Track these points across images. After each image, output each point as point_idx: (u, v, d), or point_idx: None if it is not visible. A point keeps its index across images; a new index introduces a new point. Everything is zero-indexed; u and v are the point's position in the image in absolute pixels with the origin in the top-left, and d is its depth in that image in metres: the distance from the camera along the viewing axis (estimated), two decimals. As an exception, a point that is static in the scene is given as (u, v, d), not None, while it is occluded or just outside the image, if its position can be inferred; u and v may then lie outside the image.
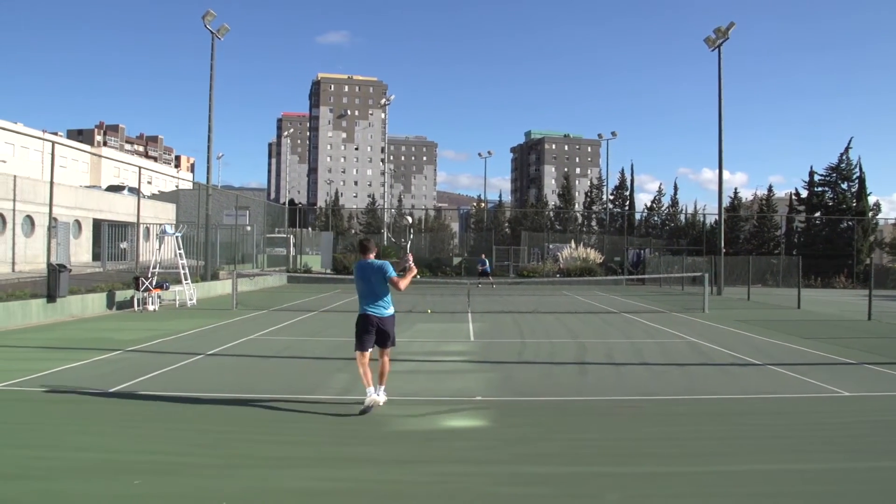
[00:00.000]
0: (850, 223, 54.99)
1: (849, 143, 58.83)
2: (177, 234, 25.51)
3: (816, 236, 57.39)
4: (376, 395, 8.81)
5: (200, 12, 33.40)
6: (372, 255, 9.21)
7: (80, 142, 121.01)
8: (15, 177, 33.71)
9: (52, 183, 20.64)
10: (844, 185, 58.17)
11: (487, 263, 42.44)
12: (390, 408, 9.03)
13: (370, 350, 8.96)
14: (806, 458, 7.03)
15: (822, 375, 11.85)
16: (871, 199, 57.95)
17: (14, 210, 32.57)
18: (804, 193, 60.90)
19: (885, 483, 6.34)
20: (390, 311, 9.18)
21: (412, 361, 13.32)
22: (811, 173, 59.95)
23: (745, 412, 9.19)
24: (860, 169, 57.71)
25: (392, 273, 9.06)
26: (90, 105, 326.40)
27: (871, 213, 56.85)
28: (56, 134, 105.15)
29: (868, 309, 23.22)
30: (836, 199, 58.18)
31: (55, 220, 25.92)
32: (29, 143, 71.79)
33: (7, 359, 12.62)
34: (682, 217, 72.36)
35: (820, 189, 59.66)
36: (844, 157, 57.96)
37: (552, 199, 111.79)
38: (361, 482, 6.13)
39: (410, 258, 10.09)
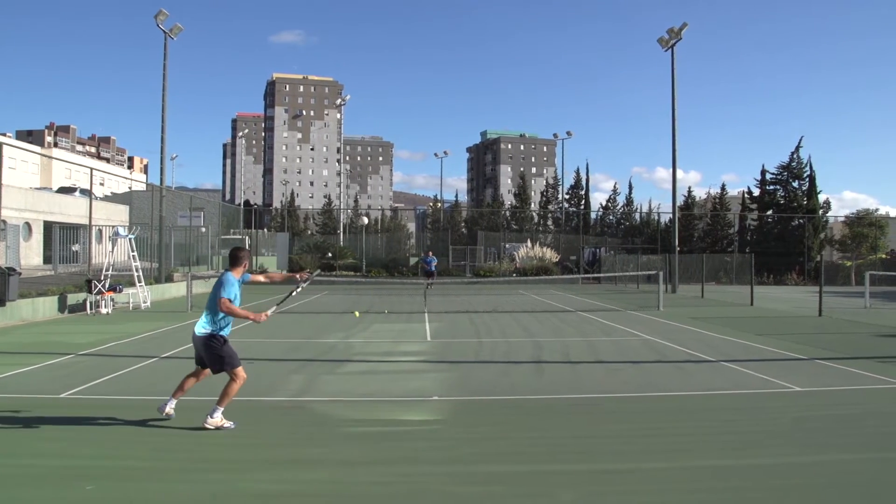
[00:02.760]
0: (801, 221, 56.00)
1: (799, 142, 60.07)
2: (130, 236, 25.17)
3: (769, 234, 58.36)
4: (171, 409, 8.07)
5: (153, 12, 33.02)
6: (241, 269, 8.17)
7: (30, 143, 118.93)
8: (-38, 179, 33.02)
9: (0, 185, 20.25)
10: (795, 184, 59.22)
11: (434, 262, 42.19)
12: (347, 409, 9.02)
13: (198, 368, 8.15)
14: (760, 453, 7.13)
15: (774, 371, 12.05)
16: (822, 198, 59.19)
17: (-39, 212, 31.90)
18: (756, 192, 61.90)
19: (838, 476, 6.47)
20: (207, 330, 7.90)
21: (368, 362, 13.34)
22: (763, 172, 61.04)
23: (700, 408, 9.32)
24: (811, 167, 58.91)
25: (224, 293, 7.80)
26: (40, 106, 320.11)
27: (821, 211, 57.93)
28: (5, 135, 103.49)
29: (819, 305, 23.68)
30: (788, 197, 59.21)
31: (4, 222, 25.40)
32: (-24, 145, 70.34)
33: (-45, 364, 12.38)
34: (637, 216, 73.07)
35: (772, 188, 60.71)
36: (795, 156, 59.05)
37: (508, 199, 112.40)
38: (318, 483, 6.12)
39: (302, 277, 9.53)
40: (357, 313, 17.18)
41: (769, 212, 59.73)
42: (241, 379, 7.93)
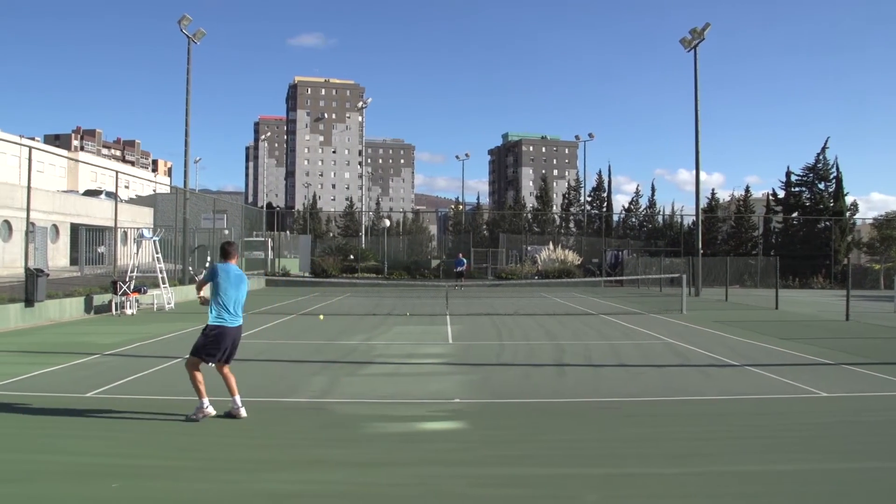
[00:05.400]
0: (827, 223, 55.31)
1: (825, 144, 59.10)
2: (154, 238, 25.37)
3: (794, 237, 57.70)
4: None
5: (177, 18, 33.26)
6: (234, 261, 8.84)
7: (58, 146, 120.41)
8: (-9, 182, 33.49)
9: (29, 188, 20.48)
10: (821, 186, 58.44)
11: (465, 265, 42.55)
12: (368, 411, 9.04)
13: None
14: (784, 459, 7.06)
15: (799, 376, 11.93)
16: (849, 199, 58.25)
17: (-9, 215, 32.35)
18: (781, 194, 61.20)
19: (863, 483, 6.39)
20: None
21: (390, 364, 13.35)
22: (788, 174, 60.30)
23: (723, 413, 9.26)
24: (837, 169, 58.00)
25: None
26: (68, 110, 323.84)
27: (848, 213, 57.15)
28: (33, 139, 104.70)
29: (846, 309, 23.37)
30: (814, 199, 58.48)
31: (33, 224, 25.67)
32: (6, 149, 71.17)
33: (-17, 364, 12.54)
34: (660, 218, 72.49)
35: (797, 189, 59.92)
36: (821, 158, 58.28)
37: (530, 201, 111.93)
38: (338, 484, 6.14)
39: None
40: (322, 317, 17.07)
41: (794, 214, 59.10)
42: None
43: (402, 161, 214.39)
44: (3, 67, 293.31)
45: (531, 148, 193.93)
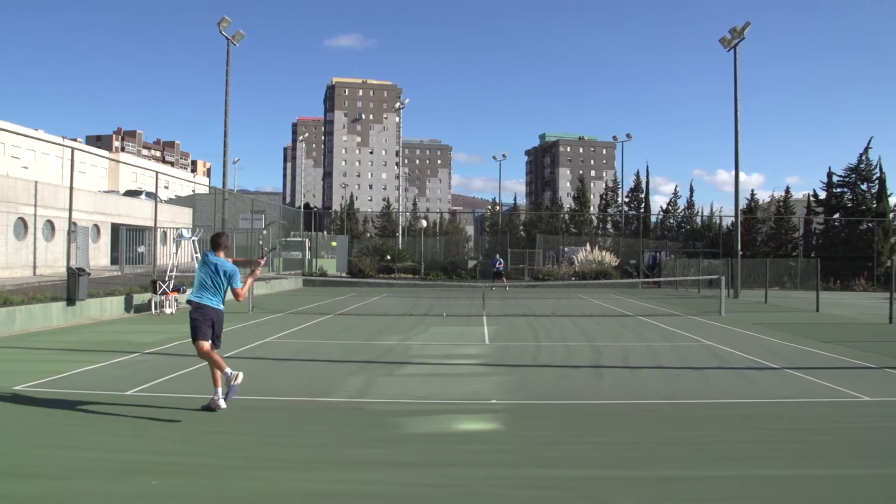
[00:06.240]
0: (869, 224, 54.43)
1: (868, 143, 57.99)
2: (194, 238, 25.60)
3: (835, 238, 56.79)
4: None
5: (216, 20, 33.59)
6: (223, 253, 9.12)
7: (99, 147, 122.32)
8: (36, 182, 34.05)
9: (71, 188, 20.78)
10: (864, 186, 57.44)
11: (502, 263, 42.50)
12: (405, 411, 9.06)
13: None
14: (825, 464, 6.97)
15: (841, 380, 11.75)
16: (892, 201, 57.14)
17: (35, 215, 32.91)
18: (822, 195, 60.34)
19: (903, 487, 6.28)
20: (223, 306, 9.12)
21: (427, 364, 13.37)
22: (829, 174, 59.36)
23: (764, 416, 9.15)
24: (880, 169, 57.00)
25: (238, 284, 8.98)
26: (109, 111, 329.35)
27: (891, 215, 56.03)
28: (75, 140, 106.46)
29: (889, 312, 22.94)
30: (856, 200, 57.55)
31: (75, 224, 26.05)
32: (49, 150, 72.57)
33: (28, 361, 12.77)
34: (698, 219, 71.83)
35: (838, 190, 58.99)
36: (864, 158, 57.27)
37: (567, 202, 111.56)
38: (375, 484, 6.15)
39: (261, 264, 9.92)
40: (445, 314, 16.89)
41: (836, 215, 58.20)
42: None
43: (438, 162, 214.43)
44: (48, 69, 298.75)
45: (568, 148, 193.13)
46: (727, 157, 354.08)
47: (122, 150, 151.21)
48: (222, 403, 8.58)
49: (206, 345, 8.72)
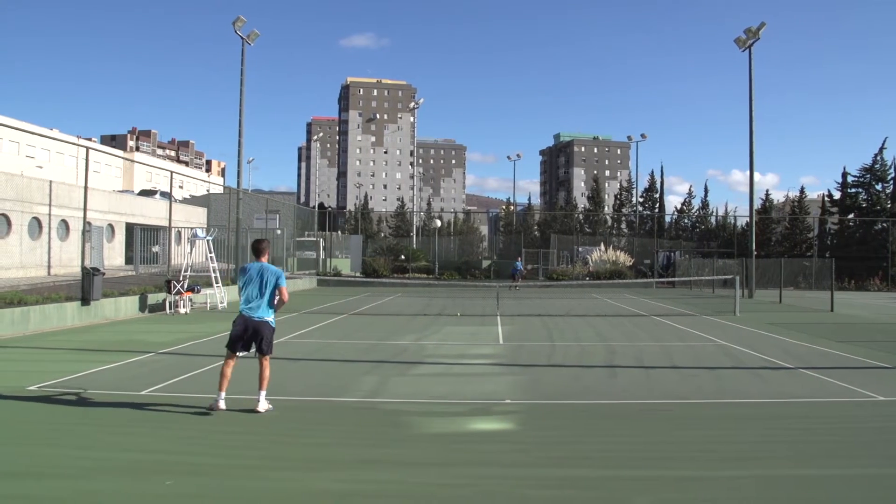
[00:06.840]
0: (884, 225, 54.13)
1: (883, 144, 57.59)
2: (208, 238, 25.69)
3: (850, 238, 56.50)
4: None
5: (231, 19, 33.66)
6: (265, 259, 9.10)
7: (114, 147, 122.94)
8: (51, 182, 34.23)
9: (86, 188, 20.89)
10: (879, 187, 57.22)
11: (520, 266, 42.63)
12: (419, 410, 9.06)
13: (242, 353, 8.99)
14: (840, 464, 6.94)
15: (856, 379, 11.69)
16: (907, 200, 57.02)
17: (50, 215, 33.07)
18: (837, 195, 60.10)
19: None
20: (271, 317, 9.05)
21: (441, 364, 13.37)
22: (844, 174, 59.13)
23: (778, 416, 9.11)
24: (895, 170, 56.92)
25: (284, 283, 8.97)
26: (124, 111, 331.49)
27: (906, 215, 55.89)
28: (90, 139, 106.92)
29: (903, 312, 22.86)
30: (870, 200, 57.30)
31: (89, 224, 26.21)
32: (64, 149, 72.88)
33: (43, 360, 12.84)
34: (713, 219, 71.51)
35: (853, 190, 58.74)
36: (879, 158, 56.98)
37: (581, 202, 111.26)
38: (389, 484, 6.15)
39: None
40: (459, 314, 16.88)
41: (850, 215, 57.92)
42: None
43: (453, 161, 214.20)
44: (63, 68, 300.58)
45: (583, 148, 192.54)
46: (742, 157, 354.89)
47: (137, 149, 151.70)
48: (222, 404, 8.64)
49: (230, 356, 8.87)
